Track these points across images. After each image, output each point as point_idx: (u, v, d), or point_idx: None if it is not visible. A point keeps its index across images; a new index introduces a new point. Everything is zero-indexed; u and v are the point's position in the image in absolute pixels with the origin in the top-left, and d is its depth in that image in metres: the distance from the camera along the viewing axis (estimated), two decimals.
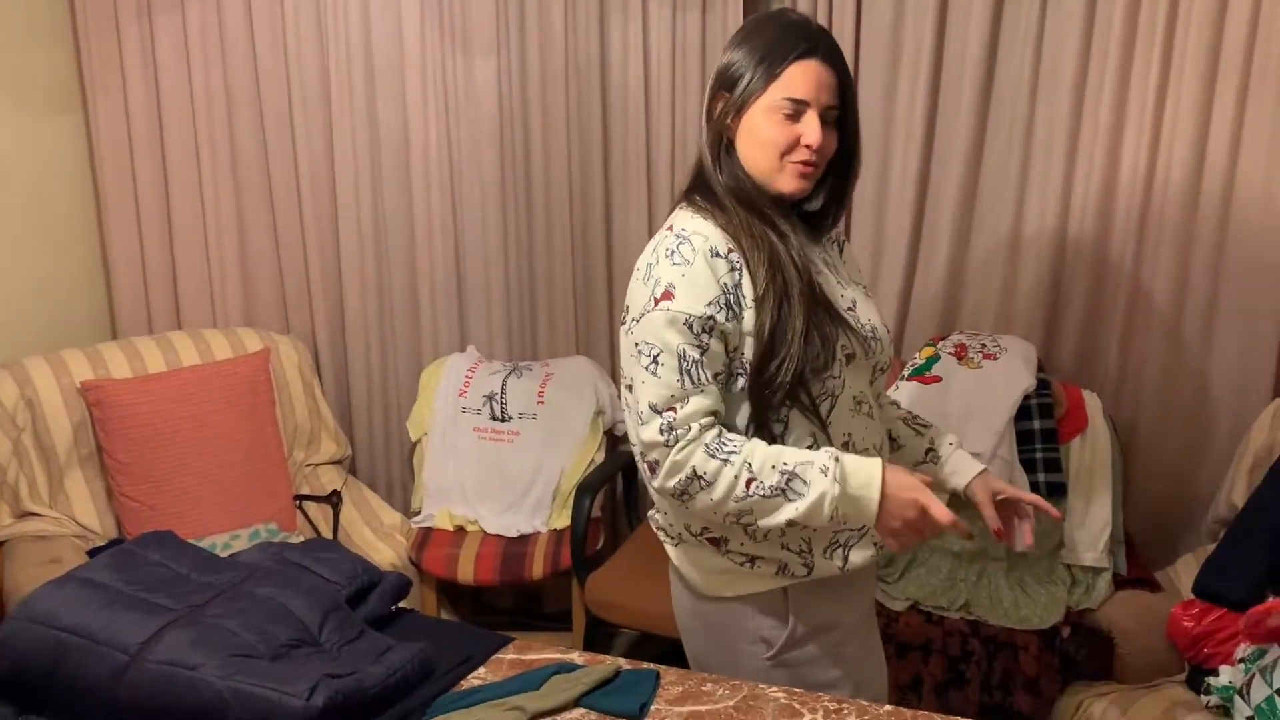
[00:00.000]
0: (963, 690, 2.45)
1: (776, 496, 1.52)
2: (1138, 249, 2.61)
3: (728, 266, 1.56)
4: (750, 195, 1.61)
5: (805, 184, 1.61)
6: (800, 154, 1.58)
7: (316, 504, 2.95)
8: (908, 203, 2.78)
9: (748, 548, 1.64)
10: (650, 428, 1.54)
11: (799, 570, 1.64)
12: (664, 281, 1.55)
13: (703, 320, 1.53)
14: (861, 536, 1.67)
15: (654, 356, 1.54)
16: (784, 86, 1.56)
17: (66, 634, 1.49)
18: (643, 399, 1.55)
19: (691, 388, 1.53)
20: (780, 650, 1.67)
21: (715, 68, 1.65)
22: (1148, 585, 2.47)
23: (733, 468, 1.53)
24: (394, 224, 3.14)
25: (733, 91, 1.60)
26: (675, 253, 1.56)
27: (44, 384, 2.69)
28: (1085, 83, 2.59)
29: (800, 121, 1.57)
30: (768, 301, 1.55)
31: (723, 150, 1.63)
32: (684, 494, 1.56)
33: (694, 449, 1.53)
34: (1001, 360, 2.59)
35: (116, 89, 3.07)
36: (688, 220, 1.61)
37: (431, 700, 1.56)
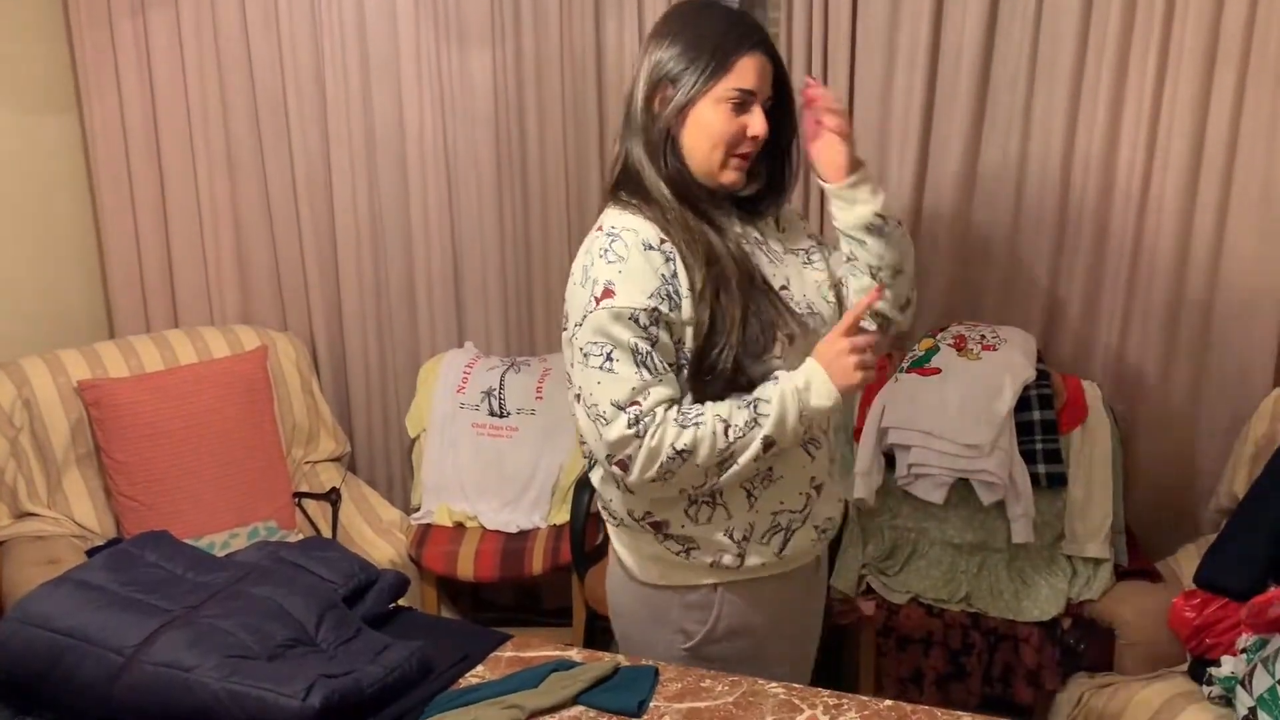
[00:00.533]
0: (964, 683, 2.45)
1: (751, 428, 1.56)
2: (1136, 238, 2.59)
3: (663, 258, 1.57)
4: (688, 189, 1.62)
5: (740, 176, 1.65)
6: (746, 146, 1.62)
7: (315, 501, 2.95)
8: (905, 194, 2.77)
9: (688, 530, 1.66)
10: (616, 425, 1.55)
11: (731, 561, 1.66)
12: (602, 280, 1.55)
13: (648, 312, 1.54)
14: (803, 521, 1.70)
15: (607, 354, 1.55)
16: (735, 78, 1.59)
17: (62, 636, 1.48)
18: (603, 399, 1.55)
19: (651, 378, 1.55)
20: (698, 645, 1.71)
21: (649, 60, 1.63)
22: (1149, 576, 2.46)
23: (706, 426, 1.56)
24: (390, 219, 3.13)
25: (677, 85, 1.60)
26: (609, 250, 1.57)
27: (41, 384, 2.69)
28: (1082, 73, 2.57)
29: (747, 113, 1.60)
30: (705, 295, 1.56)
31: (666, 145, 1.62)
32: (667, 474, 1.57)
33: (665, 429, 1.55)
34: (1001, 351, 2.58)
35: (111, 87, 3.06)
36: (617, 217, 1.62)
37: (429, 699, 1.56)
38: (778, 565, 1.70)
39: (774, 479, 1.66)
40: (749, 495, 1.65)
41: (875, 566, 2.54)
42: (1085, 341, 2.73)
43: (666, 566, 1.70)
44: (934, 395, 2.54)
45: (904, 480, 2.53)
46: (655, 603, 1.73)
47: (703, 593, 1.70)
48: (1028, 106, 2.64)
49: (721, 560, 1.67)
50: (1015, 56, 2.62)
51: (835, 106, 1.68)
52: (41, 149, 3.02)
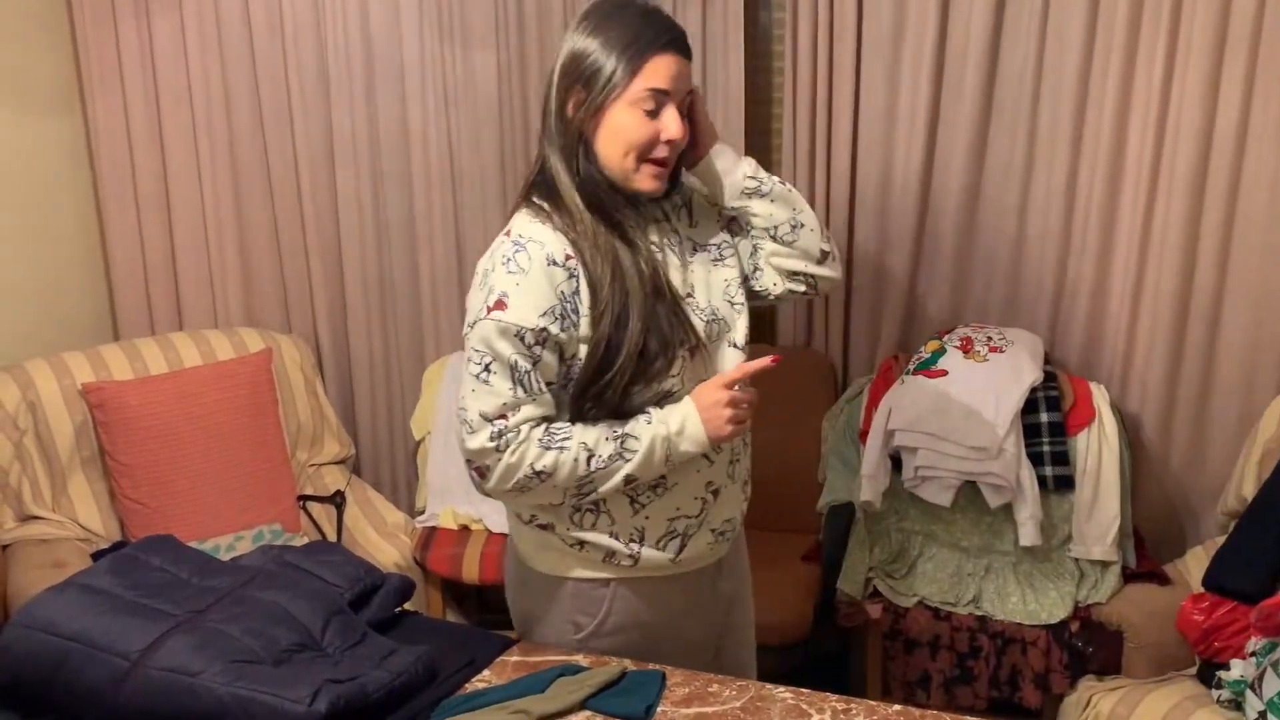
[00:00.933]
0: (971, 686, 2.44)
1: (615, 461, 1.56)
2: (1144, 238, 2.58)
3: (566, 274, 1.54)
4: (602, 197, 1.58)
5: (659, 184, 1.60)
6: (660, 151, 1.57)
7: (320, 504, 2.94)
8: (911, 195, 2.76)
9: (575, 533, 1.65)
10: (479, 436, 1.54)
11: (624, 560, 1.66)
12: (498, 290, 1.53)
13: (535, 332, 1.52)
14: (700, 525, 1.68)
15: (485, 365, 1.54)
16: (646, 78, 1.54)
17: (67, 640, 1.48)
18: (473, 407, 1.55)
19: (524, 396, 1.54)
20: (586, 637, 1.70)
21: (561, 63, 1.58)
22: (1157, 579, 2.45)
23: (569, 452, 1.55)
24: (395, 221, 3.13)
25: (591, 87, 1.55)
26: (511, 260, 1.54)
27: (46, 386, 2.68)
28: (1090, 71, 2.56)
29: (660, 116, 1.55)
30: (604, 320, 1.54)
31: (580, 149, 1.58)
32: (523, 489, 1.57)
33: (527, 448, 1.54)
34: (1008, 353, 2.57)
35: (115, 88, 3.06)
36: (526, 225, 1.58)
37: (435, 704, 1.55)
38: (674, 568, 1.69)
39: (668, 487, 1.65)
40: (633, 502, 1.64)
41: (882, 569, 2.53)
42: (1092, 343, 2.72)
43: (559, 556, 1.69)
44: (941, 397, 2.53)
45: (911, 483, 2.52)
46: (548, 591, 1.72)
47: (595, 586, 1.69)
48: (1034, 105, 2.63)
49: (615, 559, 1.66)
50: (1022, 55, 2.62)
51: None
52: (45, 150, 3.02)
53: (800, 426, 2.88)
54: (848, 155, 2.79)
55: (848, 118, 2.76)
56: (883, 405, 2.61)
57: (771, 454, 2.87)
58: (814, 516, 2.75)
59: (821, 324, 2.94)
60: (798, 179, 2.83)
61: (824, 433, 2.84)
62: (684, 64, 1.57)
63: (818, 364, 2.93)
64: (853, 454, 2.69)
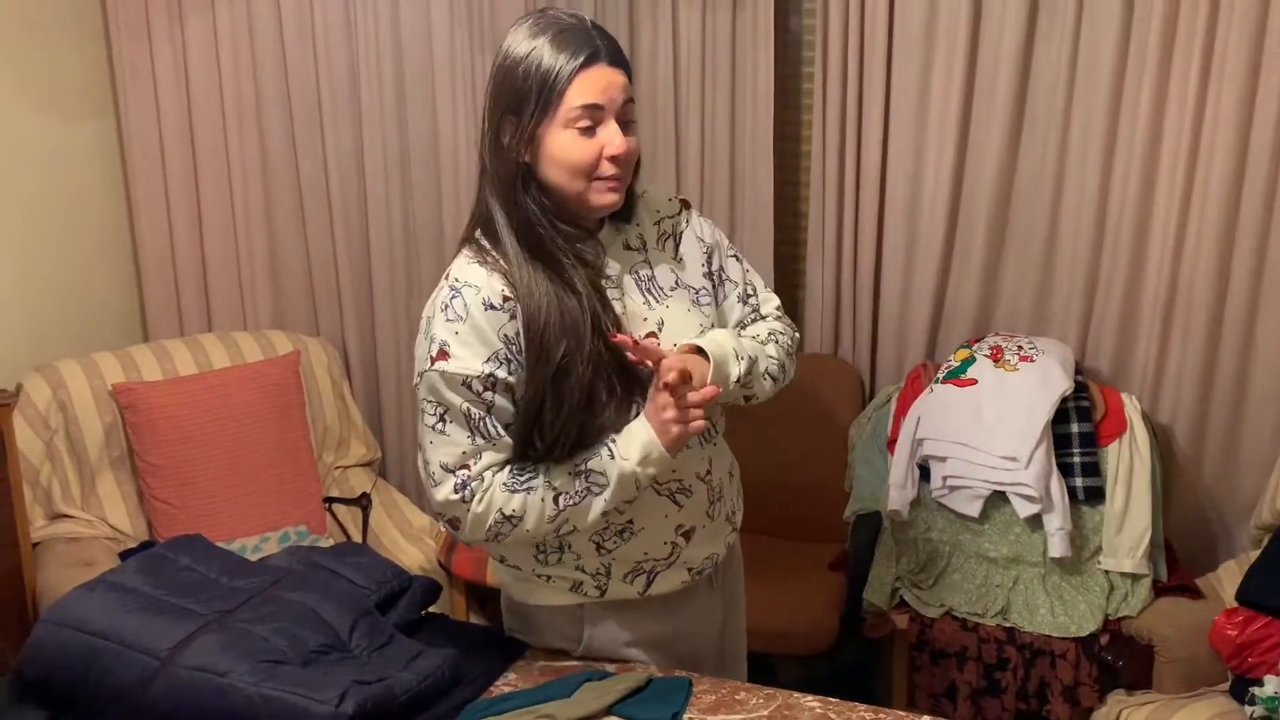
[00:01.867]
0: (998, 698, 2.41)
1: (585, 497, 1.52)
2: (1177, 247, 2.55)
3: (506, 316, 1.48)
4: (541, 241, 1.50)
5: (616, 197, 1.53)
6: (608, 168, 1.49)
7: (346, 506, 2.95)
8: (941, 202, 2.74)
9: (540, 570, 1.64)
10: (444, 488, 1.51)
11: (592, 591, 1.64)
12: (439, 339, 1.48)
13: (482, 379, 1.47)
14: (670, 565, 1.65)
15: (440, 416, 1.50)
16: (576, 96, 1.45)
17: (97, 638, 1.48)
18: (434, 459, 1.51)
19: (483, 443, 1.50)
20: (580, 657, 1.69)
21: (489, 94, 1.51)
22: (1189, 592, 2.42)
23: (536, 493, 1.52)
24: (423, 225, 3.13)
25: (521, 113, 1.47)
26: (449, 307, 1.49)
27: (76, 386, 2.70)
28: (1124, 76, 2.54)
29: (599, 132, 1.48)
30: (541, 369, 1.47)
31: (519, 181, 1.50)
32: (498, 536, 1.54)
33: (492, 494, 1.51)
34: (1038, 362, 2.55)
35: (148, 92, 3.08)
36: (463, 269, 1.52)
37: (461, 707, 1.55)
38: (643, 599, 1.67)
39: (634, 531, 1.60)
40: (599, 547, 1.61)
41: (909, 579, 2.51)
42: (1124, 353, 2.69)
43: (531, 587, 1.67)
44: (970, 407, 2.51)
45: (939, 492, 2.50)
46: (529, 618, 1.71)
47: (570, 612, 1.67)
48: (1067, 111, 2.61)
49: (581, 589, 1.64)
50: (1055, 60, 2.59)
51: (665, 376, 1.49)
52: (78, 153, 3.05)
53: (827, 435, 2.86)
54: (878, 160, 2.77)
55: (878, 123, 2.75)
56: (911, 414, 2.60)
57: (797, 462, 2.88)
58: (840, 525, 2.73)
59: (849, 331, 2.93)
60: (826, 184, 2.82)
61: (850, 441, 2.82)
62: (614, 73, 1.49)
63: (844, 372, 2.91)
64: (880, 463, 2.67)
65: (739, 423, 1.86)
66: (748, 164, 2.87)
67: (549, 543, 1.61)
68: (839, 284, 2.90)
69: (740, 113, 2.84)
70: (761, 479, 2.83)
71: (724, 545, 1.74)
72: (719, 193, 2.91)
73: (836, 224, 2.85)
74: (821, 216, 2.86)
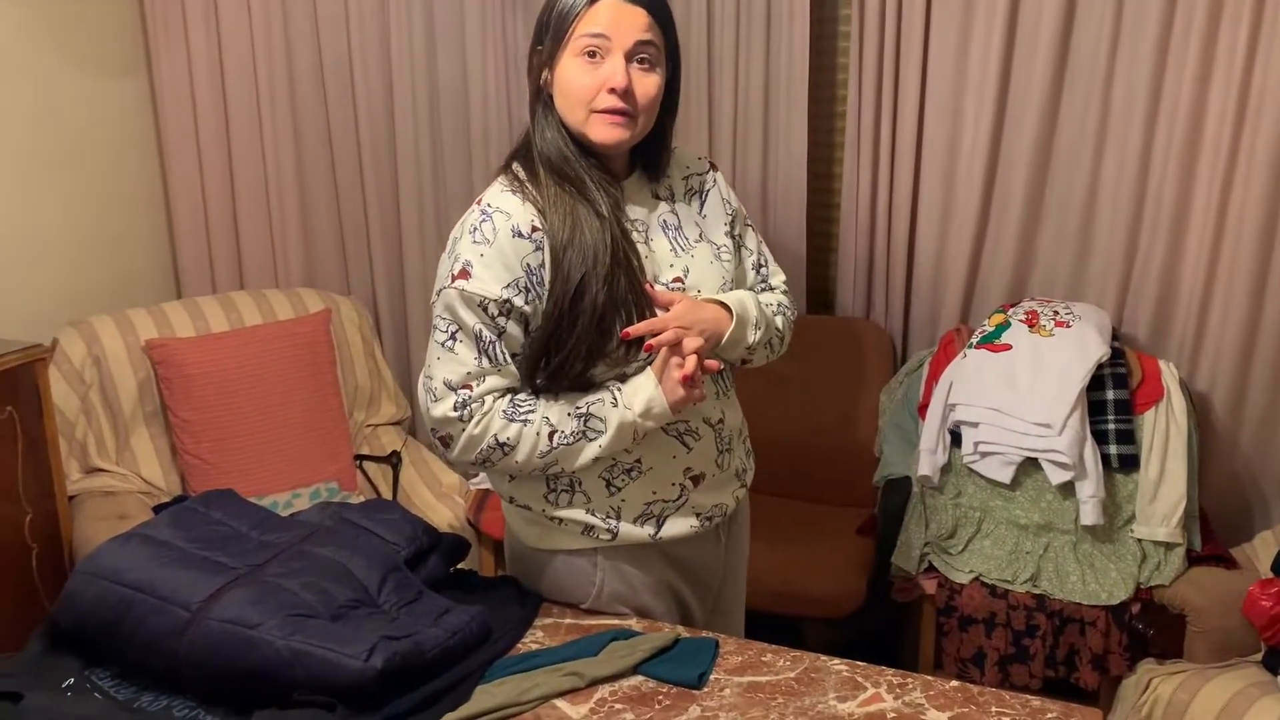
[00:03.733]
0: (1026, 665, 2.40)
1: (579, 440, 1.54)
2: (1220, 212, 2.49)
3: (532, 247, 1.52)
4: (565, 160, 1.55)
5: (620, 132, 1.54)
6: (605, 100, 1.51)
7: (376, 464, 2.97)
8: (978, 165, 2.69)
9: (550, 512, 1.65)
10: (444, 404, 1.54)
11: (603, 534, 1.65)
12: (463, 259, 1.52)
13: (499, 303, 1.51)
14: (678, 508, 1.66)
15: (451, 333, 1.53)
16: (583, 24, 1.51)
17: (130, 589, 1.50)
18: (438, 375, 1.54)
19: (489, 366, 1.53)
20: (589, 606, 1.70)
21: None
22: (1223, 562, 2.39)
23: (533, 426, 1.54)
24: (454, 184, 3.12)
25: (542, 43, 1.56)
26: (478, 230, 1.53)
27: (111, 342, 2.73)
28: (1169, 39, 2.48)
29: (605, 65, 1.51)
30: (559, 285, 1.51)
31: (541, 108, 1.58)
32: (485, 462, 1.57)
33: (490, 419, 1.54)
34: (1074, 328, 2.51)
35: (180, 48, 3.08)
36: (496, 195, 1.56)
37: (489, 663, 1.55)
38: (655, 543, 1.67)
39: (643, 471, 1.63)
40: (608, 485, 1.63)
41: (938, 545, 2.49)
42: (1162, 320, 2.64)
43: (543, 530, 1.68)
44: (1004, 372, 2.48)
45: (970, 458, 2.48)
46: (540, 564, 1.72)
47: (582, 557, 1.68)
48: (1110, 71, 2.55)
49: (593, 533, 1.65)
50: (1098, 21, 2.53)
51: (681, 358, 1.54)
52: (111, 111, 3.05)
53: (857, 399, 2.84)
54: (914, 121, 2.73)
55: (915, 86, 2.70)
56: (944, 379, 2.57)
57: (827, 426, 2.86)
58: (869, 490, 2.71)
59: (881, 295, 2.89)
60: (861, 147, 2.78)
61: (881, 406, 2.80)
62: (631, 10, 1.52)
63: (877, 335, 2.88)
64: (911, 428, 2.65)
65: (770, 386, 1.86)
66: (781, 124, 2.83)
67: (558, 484, 1.62)
68: (872, 246, 2.86)
69: (774, 72, 2.80)
70: (791, 442, 2.83)
71: (732, 498, 1.76)
72: (752, 153, 2.87)
73: (871, 184, 2.81)
74: (856, 177, 2.82)
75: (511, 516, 1.74)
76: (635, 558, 1.69)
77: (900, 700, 1.49)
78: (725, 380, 1.72)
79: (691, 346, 1.53)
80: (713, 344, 1.59)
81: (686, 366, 1.52)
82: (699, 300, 1.60)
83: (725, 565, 1.83)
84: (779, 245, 2.87)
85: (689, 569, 1.75)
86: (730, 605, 1.88)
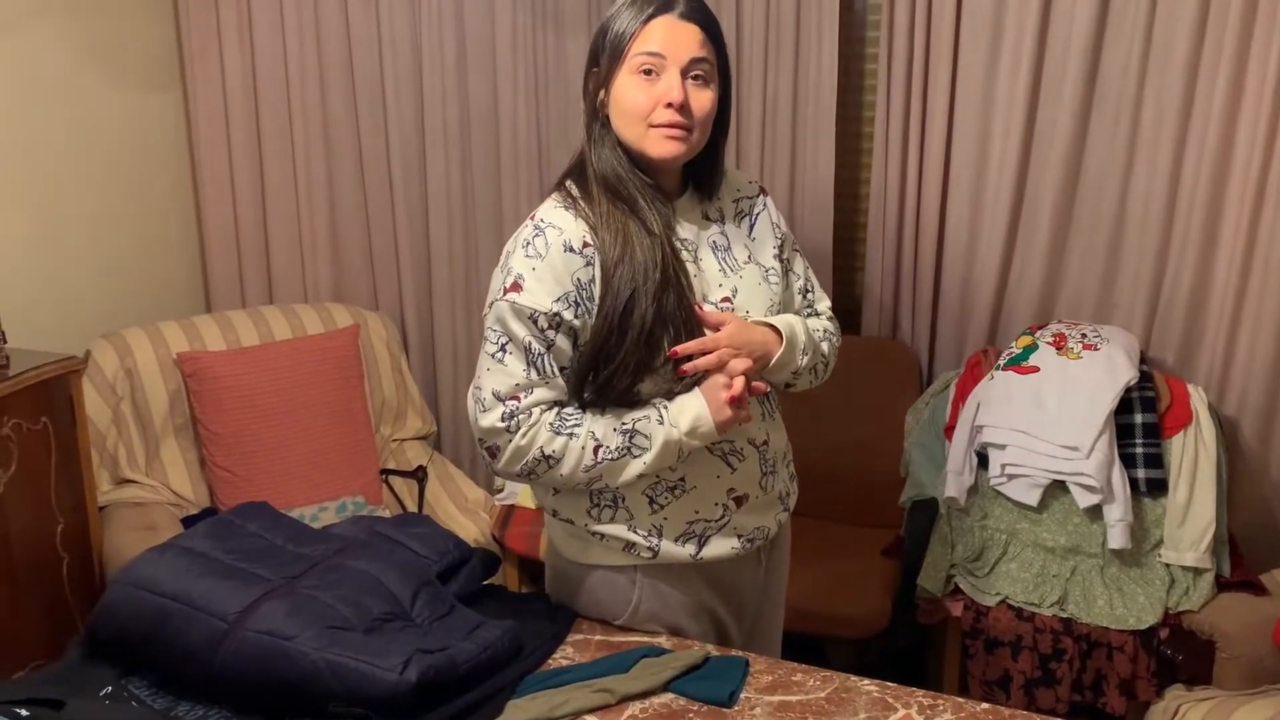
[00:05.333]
0: (1053, 689, 2.39)
1: (624, 456, 1.56)
2: (1250, 236, 2.49)
3: (583, 262, 1.54)
4: (619, 178, 1.58)
5: (678, 147, 1.56)
6: (663, 115, 1.54)
7: (402, 479, 2.98)
8: (1006, 186, 2.70)
9: (594, 527, 1.66)
10: (492, 415, 1.56)
11: (644, 552, 1.65)
12: (515, 272, 1.55)
13: (549, 316, 1.53)
14: (720, 529, 1.67)
15: (501, 345, 1.56)
16: (640, 43, 1.54)
17: (167, 600, 1.51)
18: (487, 385, 1.57)
19: (537, 379, 1.55)
20: (625, 623, 1.71)
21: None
22: (1253, 588, 2.37)
23: (579, 440, 1.55)
24: (483, 202, 3.15)
25: (600, 61, 1.58)
26: (530, 244, 1.56)
27: (143, 355, 2.76)
28: (1199, 65, 2.48)
29: (660, 81, 1.54)
30: (610, 300, 1.53)
31: (598, 128, 1.60)
32: (531, 474, 1.59)
33: (537, 431, 1.55)
34: (1102, 351, 2.51)
35: (214, 65, 3.13)
36: (549, 211, 1.59)
37: (520, 678, 1.56)
38: (695, 563, 1.68)
39: (686, 489, 1.64)
40: (651, 502, 1.64)
41: (964, 567, 2.49)
42: (1191, 344, 2.64)
43: (585, 544, 1.69)
44: (1031, 394, 2.48)
45: (997, 480, 2.48)
46: (579, 579, 1.73)
47: (621, 574, 1.69)
48: (1139, 94, 2.55)
49: (634, 550, 1.66)
50: (1128, 42, 2.54)
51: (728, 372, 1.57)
52: (146, 126, 3.10)
53: (883, 420, 2.84)
54: (942, 141, 2.73)
55: (943, 105, 2.71)
56: (970, 400, 2.57)
57: (853, 446, 2.86)
58: (895, 511, 2.71)
59: (908, 316, 2.90)
60: (889, 166, 2.79)
61: (907, 427, 2.80)
62: (685, 27, 1.55)
63: (903, 356, 2.88)
64: (938, 449, 2.65)
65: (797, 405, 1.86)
66: (809, 144, 2.84)
67: (602, 500, 1.64)
68: (899, 267, 2.87)
69: (802, 93, 2.82)
70: (817, 463, 2.82)
71: (775, 522, 1.76)
72: (779, 173, 2.88)
73: (898, 206, 2.81)
74: (883, 198, 2.83)
75: (554, 529, 1.75)
76: (674, 577, 1.69)
77: None
78: (771, 402, 1.74)
79: (739, 368, 1.55)
80: (761, 366, 1.61)
81: (735, 387, 1.54)
82: (749, 322, 1.62)
83: (764, 589, 1.83)
84: None
85: (728, 591, 1.75)
86: (768, 629, 1.89)
